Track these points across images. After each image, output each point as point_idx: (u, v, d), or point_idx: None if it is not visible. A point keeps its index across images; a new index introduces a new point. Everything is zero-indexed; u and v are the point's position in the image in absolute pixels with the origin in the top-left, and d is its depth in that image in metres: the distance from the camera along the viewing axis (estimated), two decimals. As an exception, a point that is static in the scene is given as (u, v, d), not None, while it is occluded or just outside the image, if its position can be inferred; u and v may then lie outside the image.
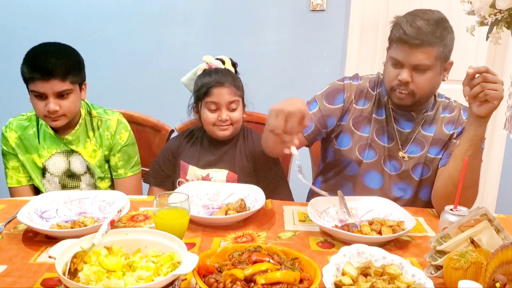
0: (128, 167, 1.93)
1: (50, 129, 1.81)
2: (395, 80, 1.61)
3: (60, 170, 1.85)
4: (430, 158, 1.72)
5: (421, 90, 1.61)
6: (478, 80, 1.38)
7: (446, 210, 1.29)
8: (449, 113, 1.74)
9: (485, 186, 3.24)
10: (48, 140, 1.83)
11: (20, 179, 1.85)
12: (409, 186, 1.75)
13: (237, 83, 1.83)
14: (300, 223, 1.50)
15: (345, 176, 1.79)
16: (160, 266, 1.04)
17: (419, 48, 1.54)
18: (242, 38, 3.03)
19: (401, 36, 1.55)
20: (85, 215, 1.47)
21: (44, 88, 1.67)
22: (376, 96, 1.76)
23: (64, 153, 1.84)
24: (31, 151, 1.83)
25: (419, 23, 1.52)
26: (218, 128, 1.81)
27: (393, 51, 1.61)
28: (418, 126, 1.73)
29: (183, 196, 1.25)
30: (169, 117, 2.18)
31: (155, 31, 3.06)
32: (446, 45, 1.57)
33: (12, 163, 1.84)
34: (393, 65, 1.62)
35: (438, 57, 1.56)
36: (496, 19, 0.93)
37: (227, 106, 1.80)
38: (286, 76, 3.08)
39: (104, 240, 1.11)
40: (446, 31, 1.56)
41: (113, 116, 1.90)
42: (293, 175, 2.18)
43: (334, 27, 3.00)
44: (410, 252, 1.33)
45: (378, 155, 1.75)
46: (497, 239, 1.12)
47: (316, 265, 1.07)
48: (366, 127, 1.76)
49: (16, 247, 1.27)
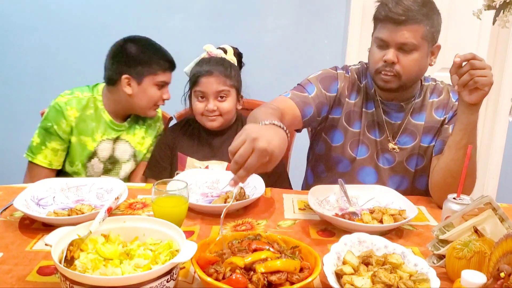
0: None
1: (108, 115, 1.85)
2: (380, 62, 1.56)
3: (106, 155, 1.89)
4: (424, 147, 1.69)
5: (407, 72, 1.55)
6: (466, 68, 1.35)
7: (449, 198, 1.27)
8: (437, 96, 1.70)
9: (486, 175, 3.24)
10: (102, 124, 1.86)
11: (53, 162, 1.85)
12: (405, 178, 1.73)
13: (228, 73, 1.80)
14: (300, 211, 1.48)
15: (337, 172, 1.75)
16: (158, 254, 1.03)
17: (404, 25, 1.49)
18: (242, 25, 3.00)
19: (386, 14, 1.51)
20: (83, 202, 1.45)
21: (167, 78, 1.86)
22: (364, 89, 1.72)
23: (112, 140, 1.88)
24: (86, 133, 1.84)
25: (405, 1, 1.49)
26: (206, 118, 1.82)
27: (378, 31, 1.56)
28: (407, 115, 1.69)
29: (182, 183, 1.24)
30: (167, 104, 2.16)
31: (154, 18, 3.02)
32: (432, 25, 1.53)
33: (54, 144, 1.82)
34: (378, 46, 1.58)
35: (425, 37, 1.52)
36: (505, 2, 0.90)
37: (215, 95, 1.79)
38: (286, 63, 3.06)
39: (101, 228, 1.09)
40: (433, 12, 1.52)
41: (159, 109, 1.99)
42: (292, 164, 2.17)
43: (335, 14, 2.97)
44: (411, 241, 1.31)
45: (370, 150, 1.72)
46: (501, 228, 1.10)
47: (316, 254, 1.05)
48: (357, 122, 1.71)
49: (12, 235, 1.25)
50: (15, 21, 2.96)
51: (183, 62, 1.90)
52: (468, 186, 1.53)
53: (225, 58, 1.84)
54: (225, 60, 1.84)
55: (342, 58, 3.02)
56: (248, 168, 1.08)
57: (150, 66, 1.80)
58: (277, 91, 1.74)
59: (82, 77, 1.88)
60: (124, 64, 1.80)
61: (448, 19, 1.63)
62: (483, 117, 3.14)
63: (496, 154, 3.18)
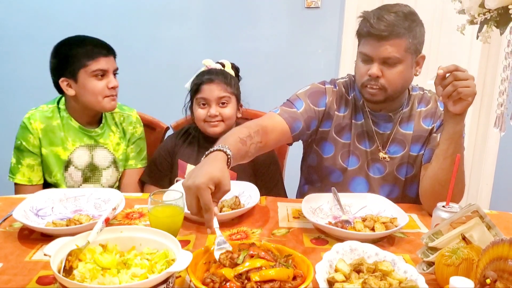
0: (139, 159, 1.98)
1: (75, 122, 1.84)
2: (365, 76, 1.60)
3: (83, 163, 1.87)
4: (413, 156, 1.72)
5: (392, 84, 1.58)
6: (449, 79, 1.39)
7: (438, 207, 1.30)
8: (425, 106, 1.73)
9: (480, 182, 3.27)
10: (72, 132, 1.85)
11: (32, 178, 1.85)
12: (395, 187, 1.76)
13: (228, 81, 1.85)
14: (294, 219, 1.51)
15: (330, 183, 1.77)
16: (154, 263, 1.05)
17: (387, 40, 1.53)
18: (237, 34, 3.04)
19: (368, 30, 1.54)
20: (81, 212, 1.47)
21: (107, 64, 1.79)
22: (352, 101, 1.74)
23: (88, 147, 1.87)
24: (56, 144, 1.83)
25: (386, 16, 1.52)
26: (208, 124, 1.84)
27: (362, 46, 1.60)
28: (396, 125, 1.72)
29: (178, 193, 1.26)
30: (164, 114, 2.19)
31: (150, 27, 3.06)
32: (415, 37, 1.56)
33: (28, 161, 1.83)
34: (363, 61, 1.61)
35: (408, 49, 1.55)
36: (486, 18, 0.94)
37: (217, 101, 1.83)
38: (281, 72, 3.10)
39: (99, 238, 1.11)
40: (415, 23, 1.55)
41: (133, 112, 1.99)
42: (287, 172, 2.20)
43: (328, 24, 3.02)
44: (402, 248, 1.34)
45: (361, 160, 1.74)
46: (488, 235, 1.13)
47: (309, 262, 1.08)
48: (347, 134, 1.74)
49: (11, 245, 1.28)
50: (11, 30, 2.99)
51: (180, 71, 1.93)
52: (457, 193, 1.56)
53: (225, 70, 1.89)
54: (225, 71, 1.89)
55: (336, 67, 3.06)
56: (205, 207, 1.12)
57: (79, 60, 1.75)
58: (272, 99, 1.78)
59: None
60: (56, 69, 1.79)
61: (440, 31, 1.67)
62: (476, 125, 3.17)
63: (489, 162, 3.21)
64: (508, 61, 0.96)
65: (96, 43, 1.80)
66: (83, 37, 1.82)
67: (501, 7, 0.93)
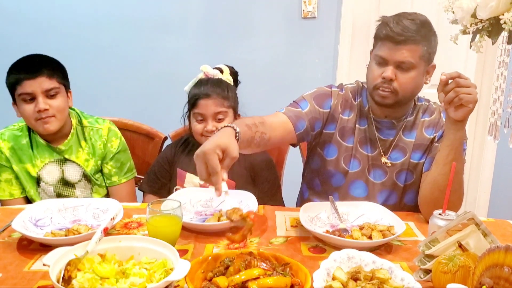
0: (122, 173, 1.95)
1: (41, 139, 1.82)
2: (378, 78, 1.63)
3: (54, 179, 1.86)
4: (413, 163, 1.74)
5: (404, 89, 1.61)
6: (451, 85, 1.42)
7: (434, 214, 1.31)
8: (429, 116, 1.75)
9: (477, 189, 3.27)
10: (40, 149, 1.83)
11: (13, 192, 1.85)
12: (394, 193, 1.77)
13: (226, 94, 1.84)
14: (292, 228, 1.52)
15: (331, 186, 1.80)
16: (153, 273, 1.06)
17: (404, 45, 1.56)
18: (235, 45, 3.06)
19: (387, 33, 1.57)
20: (79, 222, 1.48)
21: (32, 86, 1.70)
22: (358, 106, 1.77)
23: (57, 162, 1.85)
24: (24, 161, 1.83)
25: (405, 22, 1.55)
26: (205, 138, 1.82)
27: (378, 49, 1.63)
28: (399, 132, 1.74)
29: (176, 203, 1.27)
30: (162, 124, 2.20)
31: (149, 38, 3.08)
32: (430, 46, 1.59)
33: (5, 175, 1.84)
34: (378, 64, 1.64)
35: (422, 57, 1.58)
36: (478, 28, 0.96)
37: (214, 117, 1.82)
38: (279, 82, 3.11)
39: (98, 248, 1.12)
40: (431, 33, 1.59)
41: (104, 125, 1.92)
42: (285, 180, 2.21)
43: (325, 34, 3.04)
44: (400, 256, 1.35)
45: (362, 164, 1.76)
46: (484, 242, 1.14)
47: (306, 270, 1.08)
48: (350, 138, 1.77)
49: (10, 255, 1.28)
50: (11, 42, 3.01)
51: (177, 81, 1.94)
52: (456, 201, 1.58)
53: (222, 79, 1.88)
54: (222, 81, 1.88)
55: (333, 76, 3.07)
56: (212, 171, 1.19)
57: (12, 85, 1.74)
58: (270, 108, 1.79)
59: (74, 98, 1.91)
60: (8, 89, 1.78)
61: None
62: (473, 133, 3.19)
63: (486, 169, 3.23)
64: (501, 70, 0.98)
65: (20, 66, 1.73)
66: (19, 60, 1.76)
67: (492, 17, 0.95)
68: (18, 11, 3.01)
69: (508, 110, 1.02)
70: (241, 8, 3.03)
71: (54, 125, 1.77)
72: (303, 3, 2.98)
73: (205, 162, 1.19)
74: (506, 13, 0.92)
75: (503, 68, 0.99)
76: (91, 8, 3.02)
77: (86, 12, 3.02)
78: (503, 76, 0.99)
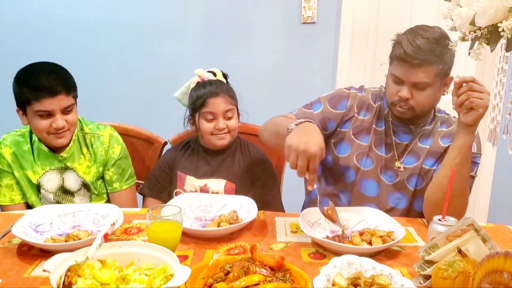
0: (123, 180, 1.95)
1: (44, 146, 1.81)
2: (395, 96, 1.66)
3: (54, 186, 1.85)
4: (425, 169, 1.74)
5: (420, 106, 1.65)
6: (464, 89, 1.44)
7: (434, 220, 1.31)
8: (447, 127, 1.77)
9: (477, 195, 3.28)
10: (42, 156, 1.83)
11: (14, 197, 1.85)
12: (404, 196, 1.77)
13: (231, 93, 1.87)
14: (292, 234, 1.52)
15: (343, 183, 1.82)
16: (153, 279, 1.06)
17: (419, 68, 1.57)
18: (235, 50, 3.07)
19: (401, 55, 1.59)
20: (79, 228, 1.48)
21: (52, 105, 1.69)
22: (377, 109, 1.80)
23: (58, 170, 1.85)
24: (26, 168, 1.83)
25: (419, 42, 1.56)
26: (216, 137, 1.85)
27: (394, 68, 1.65)
28: (416, 138, 1.76)
29: (176, 208, 1.27)
30: (162, 129, 2.20)
31: (149, 43, 3.08)
32: (445, 63, 1.60)
33: (6, 181, 1.84)
34: (394, 82, 1.66)
35: (438, 75, 1.60)
36: (476, 36, 0.96)
37: (224, 115, 1.84)
38: (278, 87, 3.12)
39: (98, 254, 1.12)
40: (446, 49, 1.57)
41: (106, 132, 1.91)
42: (286, 185, 2.21)
43: (324, 39, 3.04)
44: (400, 262, 1.35)
45: (375, 164, 1.78)
46: (484, 248, 1.14)
47: (306, 276, 1.08)
48: (365, 137, 1.79)
49: (10, 261, 1.28)
50: (11, 48, 3.02)
51: (177, 86, 1.94)
52: (459, 206, 1.58)
53: (222, 80, 1.90)
54: (223, 81, 1.90)
55: (332, 81, 3.08)
56: (313, 171, 1.36)
57: (25, 97, 1.70)
58: (269, 114, 1.80)
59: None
60: (15, 97, 1.76)
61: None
62: (473, 137, 3.19)
63: (486, 175, 3.23)
64: (500, 77, 0.98)
65: (40, 84, 1.69)
66: (35, 71, 1.74)
67: (491, 25, 0.95)
68: (18, 16, 3.02)
69: (507, 117, 1.03)
70: (241, 13, 3.04)
71: (68, 138, 1.79)
72: (302, 8, 2.98)
73: (308, 159, 1.34)
74: (504, 21, 0.93)
75: (502, 75, 0.99)
76: (91, 13, 3.02)
77: (86, 17, 3.02)
78: (502, 83, 1.00)
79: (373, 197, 1.77)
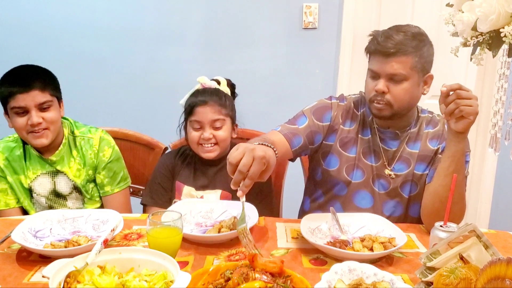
0: (115, 183, 1.94)
1: (34, 150, 1.82)
2: (372, 92, 1.64)
3: (46, 190, 1.86)
4: (417, 175, 1.74)
5: (398, 101, 1.62)
6: (452, 97, 1.42)
7: (436, 226, 1.30)
8: (433, 127, 1.76)
9: (478, 201, 3.27)
10: (33, 161, 1.84)
11: (9, 202, 1.85)
12: (399, 204, 1.77)
13: (223, 102, 1.84)
14: (293, 240, 1.51)
15: (334, 195, 1.80)
16: (153, 285, 1.06)
17: (393, 57, 1.57)
18: (235, 56, 3.07)
19: (376, 47, 1.59)
20: (79, 234, 1.48)
21: (25, 100, 1.70)
22: (361, 116, 1.78)
23: (49, 174, 1.85)
24: (18, 172, 1.84)
25: (394, 35, 1.57)
26: (202, 148, 1.84)
27: (370, 63, 1.65)
28: (403, 143, 1.74)
29: (176, 214, 1.27)
30: (162, 134, 2.20)
31: (149, 49, 3.09)
32: (422, 56, 1.59)
33: (0, 186, 1.84)
34: (371, 77, 1.66)
35: (414, 68, 1.59)
36: (478, 41, 0.96)
37: (211, 124, 1.82)
38: (279, 92, 3.12)
39: (98, 259, 1.12)
40: (423, 43, 1.59)
41: (96, 134, 1.91)
42: (286, 191, 2.20)
43: (326, 44, 3.05)
44: (401, 268, 1.34)
45: (366, 175, 1.76)
46: (486, 255, 1.13)
47: (307, 283, 1.08)
48: (353, 148, 1.77)
49: (10, 267, 1.28)
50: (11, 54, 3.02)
51: (177, 92, 1.93)
52: (458, 213, 1.58)
53: (219, 89, 1.89)
54: (219, 90, 1.88)
55: (333, 87, 3.08)
56: (252, 176, 1.24)
57: (4, 97, 1.73)
58: (270, 120, 1.80)
59: (75, 108, 1.91)
60: None
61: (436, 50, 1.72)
62: (474, 145, 3.18)
63: (487, 181, 3.22)
64: (502, 83, 0.98)
65: (13, 80, 1.72)
66: (14, 70, 1.76)
67: (492, 30, 0.95)
68: (18, 22, 3.02)
69: (508, 123, 1.02)
70: (242, 19, 3.04)
71: (47, 138, 1.77)
72: (303, 13, 2.98)
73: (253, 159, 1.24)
74: (506, 27, 0.93)
75: (503, 80, 0.99)
76: (92, 20, 3.02)
77: (86, 23, 3.02)
78: (504, 89, 1.00)
79: (368, 208, 1.76)
